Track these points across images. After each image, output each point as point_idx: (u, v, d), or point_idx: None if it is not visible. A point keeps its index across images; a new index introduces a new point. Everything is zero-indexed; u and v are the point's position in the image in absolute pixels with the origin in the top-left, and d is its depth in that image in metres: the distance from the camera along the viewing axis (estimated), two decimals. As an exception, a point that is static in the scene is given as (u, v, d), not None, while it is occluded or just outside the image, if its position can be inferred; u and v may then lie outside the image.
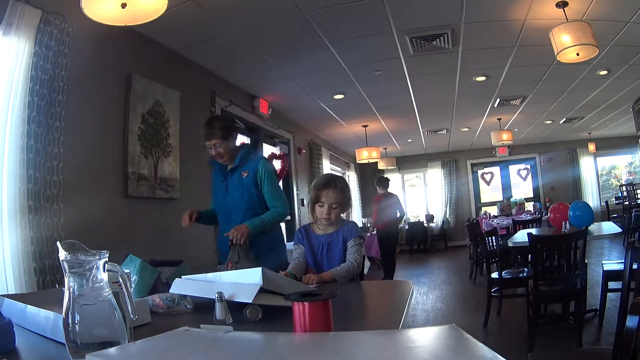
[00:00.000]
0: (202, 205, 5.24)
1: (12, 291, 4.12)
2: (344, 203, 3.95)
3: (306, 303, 1.59)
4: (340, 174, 15.51)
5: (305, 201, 12.60)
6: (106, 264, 1.62)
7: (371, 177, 20.68)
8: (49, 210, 4.63)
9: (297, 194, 12.33)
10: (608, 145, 19.56)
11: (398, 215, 12.89)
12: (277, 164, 11.00)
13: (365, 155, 14.31)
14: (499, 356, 0.95)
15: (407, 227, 20.21)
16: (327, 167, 15.26)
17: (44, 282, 4.45)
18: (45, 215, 4.57)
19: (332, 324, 1.63)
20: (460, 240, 19.62)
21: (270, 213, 4.74)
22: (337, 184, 3.93)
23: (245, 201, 4.73)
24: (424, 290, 10.52)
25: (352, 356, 1.10)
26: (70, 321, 1.54)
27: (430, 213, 21.11)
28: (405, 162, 21.16)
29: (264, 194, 4.79)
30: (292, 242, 4.18)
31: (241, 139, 9.74)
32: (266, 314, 2.33)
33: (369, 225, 15.33)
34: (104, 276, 1.61)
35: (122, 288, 1.74)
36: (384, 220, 12.59)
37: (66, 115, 4.88)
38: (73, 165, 5.04)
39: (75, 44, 5.01)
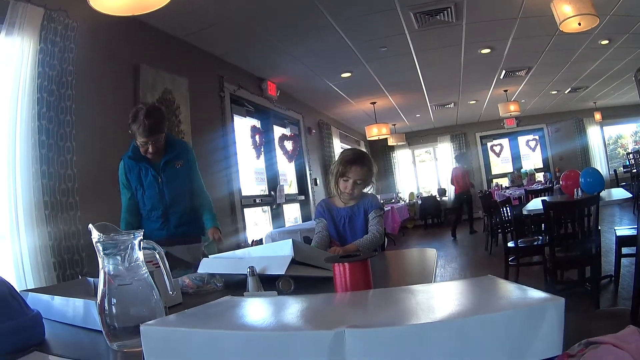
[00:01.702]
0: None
1: (31, 286, 4.13)
2: (369, 180, 3.96)
3: (346, 264, 1.64)
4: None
5: (317, 181, 12.66)
6: (141, 242, 1.63)
7: (381, 154, 20.67)
8: (65, 204, 4.69)
9: (310, 174, 12.35)
10: (614, 114, 19.49)
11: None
12: (288, 145, 11.03)
13: (375, 132, 14.26)
14: (538, 291, 1.00)
15: (420, 201, 20.23)
16: (338, 145, 15.23)
17: (63, 276, 4.50)
18: (61, 209, 4.63)
19: (371, 283, 1.67)
20: (474, 213, 19.60)
21: (212, 208, 4.60)
22: (364, 161, 3.92)
23: (187, 192, 4.51)
24: (442, 263, 10.47)
25: (399, 305, 1.13)
26: (106, 304, 1.55)
27: (442, 187, 21.02)
28: (415, 137, 21.07)
29: (193, 183, 4.59)
30: (314, 217, 4.22)
31: (251, 123, 9.80)
32: (297, 286, 2.35)
33: (382, 201, 15.43)
34: (139, 255, 1.62)
35: (158, 266, 1.77)
36: (459, 187, 15.99)
37: (76, 109, 4.94)
38: (86, 158, 5.09)
39: (81, 38, 5.06)
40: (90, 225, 1.65)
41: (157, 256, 1.77)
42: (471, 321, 0.88)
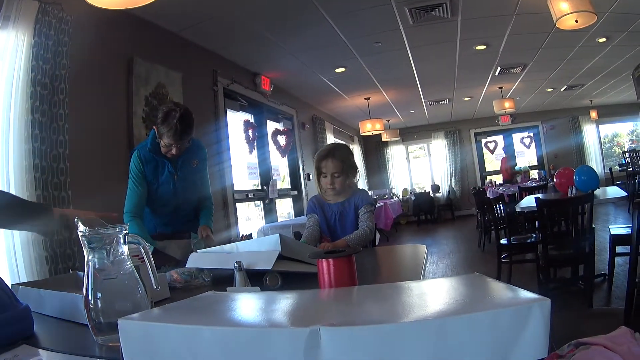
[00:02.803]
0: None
1: (24, 280, 4.13)
2: (347, 170, 3.96)
3: (331, 259, 1.62)
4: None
5: (311, 175, 12.66)
6: (127, 236, 1.64)
7: (375, 149, 20.71)
8: (57, 198, 4.68)
9: (303, 169, 12.34)
10: (610, 112, 19.51)
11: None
12: (281, 140, 11.02)
13: (368, 128, 14.32)
14: (524, 291, 0.99)
15: (413, 198, 20.24)
16: (331, 140, 15.08)
17: (55, 270, 4.49)
18: (53, 204, 4.60)
19: (356, 279, 1.66)
20: (467, 210, 19.65)
21: (211, 208, 4.55)
22: (335, 154, 3.95)
23: (198, 190, 4.45)
24: (434, 259, 10.52)
25: (381, 303, 1.13)
26: (91, 298, 1.56)
27: (436, 183, 21.04)
28: (409, 133, 21.07)
29: (203, 181, 4.53)
30: (305, 213, 4.22)
31: (244, 117, 9.77)
32: (285, 282, 2.35)
33: (375, 197, 15.49)
34: (124, 249, 1.63)
35: (143, 260, 1.75)
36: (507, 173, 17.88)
37: (69, 103, 4.93)
38: (79, 152, 5.08)
39: (75, 31, 5.05)
40: (76, 219, 1.67)
41: (142, 250, 1.74)
42: (451, 321, 0.87)
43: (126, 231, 1.64)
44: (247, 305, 1.27)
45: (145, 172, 4.21)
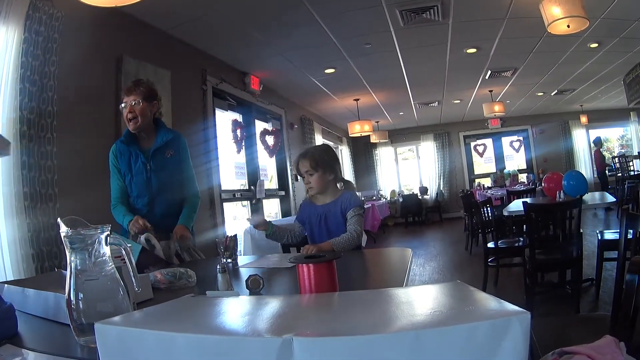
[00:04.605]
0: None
1: (10, 278, 4.11)
2: (319, 166, 3.95)
3: (311, 265, 1.61)
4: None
5: (298, 176, 12.68)
6: (109, 238, 1.63)
7: (364, 151, 20.74)
8: (44, 196, 4.65)
9: (291, 169, 12.27)
10: (600, 117, 19.59)
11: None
12: (269, 140, 10.99)
13: (357, 129, 14.28)
14: (505, 302, 0.97)
15: (401, 199, 20.23)
16: (320, 141, 15.17)
17: (42, 268, 4.47)
18: (41, 202, 4.59)
19: (337, 285, 1.66)
20: (455, 212, 19.64)
21: (194, 205, 4.47)
22: (306, 154, 4.03)
23: (175, 183, 4.37)
24: (421, 262, 10.51)
25: (358, 311, 1.11)
26: (73, 299, 1.56)
27: (424, 185, 21.07)
28: (398, 135, 21.09)
29: (182, 174, 4.46)
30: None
31: (233, 117, 9.72)
32: (268, 285, 2.34)
33: (363, 198, 15.50)
34: (106, 250, 1.62)
35: (125, 262, 1.73)
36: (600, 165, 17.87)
37: (58, 100, 4.90)
38: (68, 149, 5.05)
39: (65, 28, 5.03)
40: (58, 219, 1.70)
41: (123, 252, 1.73)
42: (427, 333, 0.86)
43: (107, 232, 1.62)
44: (223, 311, 1.26)
45: (119, 165, 4.28)
